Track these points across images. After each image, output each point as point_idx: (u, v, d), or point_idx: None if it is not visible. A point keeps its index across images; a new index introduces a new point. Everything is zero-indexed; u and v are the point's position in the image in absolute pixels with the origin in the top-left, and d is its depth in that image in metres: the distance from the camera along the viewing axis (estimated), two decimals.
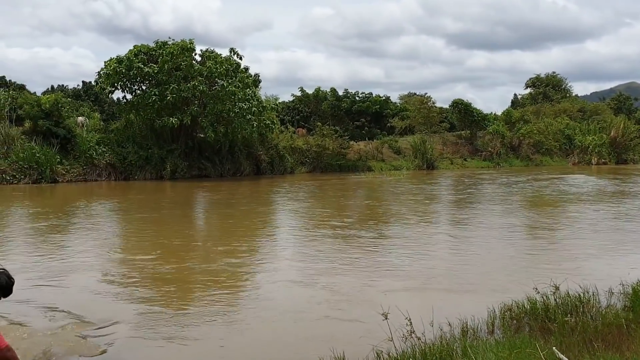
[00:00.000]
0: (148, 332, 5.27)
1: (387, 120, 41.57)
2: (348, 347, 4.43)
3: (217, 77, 26.96)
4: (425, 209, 15.67)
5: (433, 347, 4.16)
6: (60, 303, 6.07)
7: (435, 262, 8.50)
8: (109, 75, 26.63)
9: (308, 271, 7.81)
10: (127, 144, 26.55)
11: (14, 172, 22.92)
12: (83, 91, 44.13)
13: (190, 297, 6.52)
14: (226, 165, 28.73)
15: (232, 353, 4.82)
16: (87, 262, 8.61)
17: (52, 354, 4.63)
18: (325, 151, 33.02)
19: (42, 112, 24.78)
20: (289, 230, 12.12)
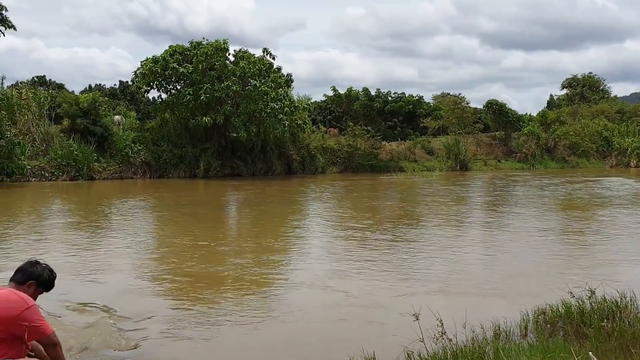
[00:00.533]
0: (179, 328, 5.35)
1: (420, 121, 41.24)
2: (378, 347, 4.42)
3: (250, 77, 27.19)
4: (457, 211, 15.51)
5: (465, 349, 4.11)
6: (96, 298, 6.21)
7: (466, 265, 8.40)
8: (144, 75, 27.13)
9: (337, 272, 7.81)
10: (162, 143, 26.98)
11: (53, 169, 23.50)
12: (120, 90, 45.02)
13: (221, 295, 6.59)
14: (258, 164, 28.95)
15: (261, 352, 4.85)
16: (122, 258, 8.79)
17: (87, 347, 4.74)
18: (357, 151, 32.96)
19: (80, 111, 25.36)
20: (319, 231, 12.14)
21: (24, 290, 3.72)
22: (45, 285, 3.87)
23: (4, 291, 3.62)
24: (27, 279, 3.76)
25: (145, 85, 27.85)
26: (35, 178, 22.89)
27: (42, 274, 3.83)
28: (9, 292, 3.61)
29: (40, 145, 24.14)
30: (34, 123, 24.57)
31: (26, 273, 3.78)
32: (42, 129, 24.68)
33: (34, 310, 3.59)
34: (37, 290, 3.82)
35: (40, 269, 3.85)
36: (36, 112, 25.05)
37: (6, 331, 3.50)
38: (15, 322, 3.49)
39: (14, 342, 3.55)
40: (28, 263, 3.88)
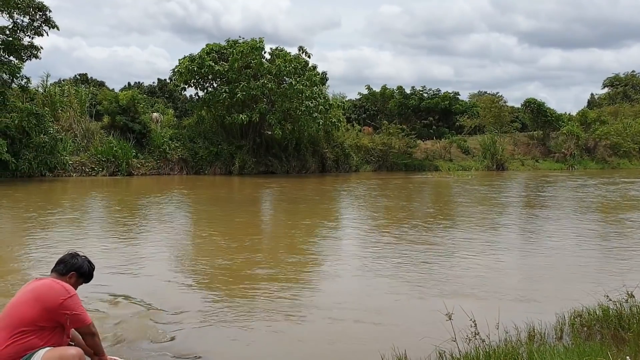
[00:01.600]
0: (213, 322, 5.43)
1: (456, 119, 40.78)
2: (410, 346, 4.41)
3: (285, 75, 27.32)
4: (492, 212, 15.31)
5: (497, 350, 4.07)
6: (133, 290, 6.35)
7: (500, 267, 8.30)
8: (181, 73, 27.54)
9: (369, 271, 7.81)
10: (198, 140, 27.37)
11: (93, 165, 24.10)
12: (158, 88, 45.77)
13: (254, 290, 6.66)
14: (292, 162, 29.11)
15: (291, 348, 4.89)
16: (159, 252, 8.97)
17: (123, 338, 4.85)
18: (391, 150, 32.82)
19: (120, 108, 25.93)
20: (352, 229, 12.14)
21: (65, 281, 3.89)
22: (85, 276, 4.05)
23: (48, 280, 3.80)
24: (68, 270, 3.93)
25: (182, 83, 28.30)
26: (76, 173, 23.51)
27: (83, 266, 4.01)
28: (52, 282, 3.77)
29: (81, 141, 24.77)
30: (75, 120, 25.22)
31: (67, 264, 3.95)
32: (83, 125, 25.32)
33: (75, 300, 3.74)
34: (78, 281, 4.00)
35: (80, 260, 4.02)
36: (78, 109, 25.71)
37: (49, 319, 3.64)
38: (58, 310, 3.64)
39: (55, 330, 3.68)
40: (69, 255, 4.05)
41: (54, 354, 3.57)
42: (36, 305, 3.61)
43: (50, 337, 3.68)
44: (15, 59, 22.19)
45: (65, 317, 3.67)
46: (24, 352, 3.57)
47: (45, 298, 3.64)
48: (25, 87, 22.97)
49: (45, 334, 3.65)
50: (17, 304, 3.67)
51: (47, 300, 3.63)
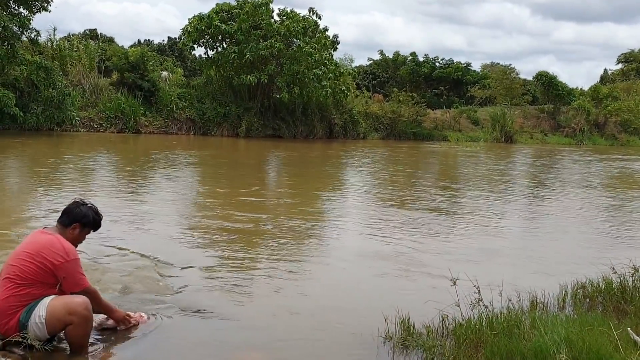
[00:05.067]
0: (218, 277, 5.50)
1: (467, 89, 40.40)
2: (413, 309, 4.45)
3: (294, 36, 26.88)
4: (500, 182, 15.30)
5: (500, 316, 4.12)
6: (140, 245, 6.41)
7: (505, 236, 8.35)
8: (190, 32, 27.24)
9: (374, 235, 7.85)
10: (206, 100, 27.26)
11: (101, 121, 24.12)
12: (168, 46, 45.45)
13: (259, 248, 6.73)
14: (299, 127, 29.00)
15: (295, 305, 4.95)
16: (165, 208, 9.05)
17: (131, 291, 4.92)
18: (401, 118, 32.62)
19: (129, 65, 25.78)
20: (359, 194, 12.17)
21: (69, 232, 3.81)
22: (90, 226, 3.94)
23: (51, 237, 3.72)
24: (71, 222, 3.84)
25: (191, 43, 28.00)
26: (84, 129, 23.54)
27: (87, 215, 3.89)
28: (55, 240, 3.69)
29: (89, 97, 24.74)
30: (84, 75, 25.14)
31: (71, 215, 3.86)
32: (92, 81, 25.24)
33: (72, 264, 3.66)
34: (83, 231, 3.90)
35: (85, 209, 3.91)
36: (87, 64, 25.60)
37: (47, 275, 3.61)
38: (53, 271, 3.60)
39: (57, 284, 3.67)
40: (73, 204, 3.94)
41: (59, 302, 3.59)
42: (34, 261, 3.59)
43: (53, 289, 3.69)
44: (25, 10, 21.95)
45: (58, 280, 3.66)
46: (27, 302, 3.59)
47: (43, 256, 3.60)
48: (35, 40, 22.82)
49: (47, 287, 3.66)
50: (18, 256, 3.67)
51: (44, 259, 3.60)
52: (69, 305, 3.58)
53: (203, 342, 4.07)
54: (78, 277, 3.71)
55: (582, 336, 3.57)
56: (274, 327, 4.42)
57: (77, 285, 3.68)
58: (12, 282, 3.58)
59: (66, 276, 3.64)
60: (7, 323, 3.59)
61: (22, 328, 3.56)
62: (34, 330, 3.56)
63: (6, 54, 20.84)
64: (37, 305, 3.59)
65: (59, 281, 3.66)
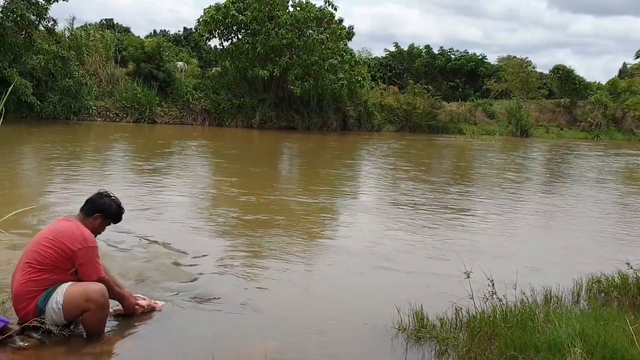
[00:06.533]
0: (233, 266, 5.54)
1: (482, 82, 40.10)
2: (426, 302, 4.45)
3: (307, 26, 26.67)
4: (514, 176, 15.20)
5: (514, 310, 4.11)
6: (155, 233, 6.46)
7: (519, 230, 8.32)
8: (206, 22, 27.23)
9: (388, 227, 7.85)
10: (221, 91, 27.29)
11: (117, 111, 24.28)
12: (183, 37, 45.49)
13: (272, 239, 6.75)
14: (314, 118, 28.94)
15: (308, 295, 4.98)
16: (180, 198, 9.13)
17: (146, 278, 4.97)
18: (416, 110, 32.43)
19: (145, 55, 25.90)
20: (372, 187, 12.17)
21: (90, 222, 3.87)
22: (112, 217, 4.01)
23: (72, 224, 3.77)
24: (94, 212, 3.90)
25: (207, 33, 27.98)
26: (101, 118, 23.72)
27: (110, 207, 3.97)
28: (75, 226, 3.75)
29: (106, 87, 24.89)
30: (100, 65, 25.28)
31: (94, 205, 3.92)
32: (109, 70, 25.40)
33: (90, 252, 3.70)
34: (105, 222, 3.97)
35: (108, 201, 3.98)
36: (103, 54, 25.74)
37: (65, 261, 3.66)
38: (71, 257, 3.66)
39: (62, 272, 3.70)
40: (97, 194, 4.01)
41: (77, 288, 3.64)
42: (53, 246, 3.65)
43: (71, 275, 3.74)
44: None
45: (73, 266, 3.71)
46: (45, 287, 3.64)
47: (62, 242, 3.65)
48: (52, 29, 22.97)
49: (65, 273, 3.71)
50: (38, 241, 3.72)
51: (63, 245, 3.65)
52: (87, 291, 3.62)
53: (216, 330, 4.10)
54: (94, 265, 3.75)
55: (597, 330, 3.56)
56: (287, 317, 4.44)
57: (92, 274, 3.73)
58: (31, 266, 3.63)
59: (82, 263, 3.69)
60: (25, 307, 3.65)
61: (39, 313, 3.62)
62: (51, 315, 3.62)
63: (24, 42, 21.03)
64: (55, 291, 3.64)
65: (68, 268, 3.71)
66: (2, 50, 20.36)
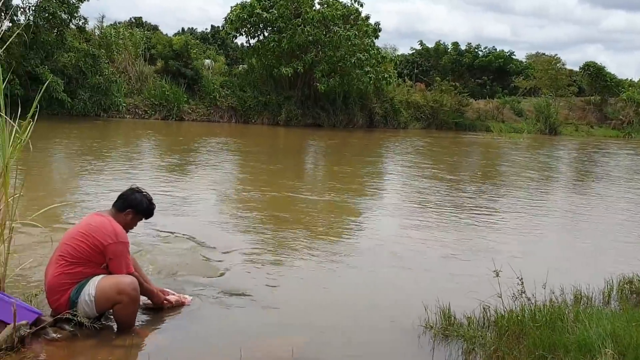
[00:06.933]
0: (261, 263, 5.58)
1: (510, 80, 39.58)
2: (454, 300, 4.43)
3: (333, 22, 26.57)
4: (544, 175, 15.00)
5: (543, 309, 4.06)
6: (183, 228, 6.55)
7: (546, 229, 8.20)
8: (233, 20, 27.35)
9: (416, 225, 7.82)
10: (248, 89, 27.39)
11: (146, 108, 24.59)
12: (210, 35, 45.84)
13: (298, 236, 6.77)
14: (339, 115, 28.87)
15: (334, 293, 4.98)
16: (208, 194, 9.23)
17: (176, 272, 5.04)
18: (443, 108, 32.15)
19: (173, 53, 26.15)
20: (400, 184, 12.12)
21: (122, 217, 3.95)
22: (143, 213, 4.07)
23: (104, 219, 3.84)
24: (125, 207, 3.97)
25: (233, 31, 28.11)
26: (130, 115, 24.04)
27: (141, 203, 4.03)
28: (107, 222, 3.82)
29: (135, 84, 25.20)
30: (130, 62, 25.59)
31: (126, 201, 3.99)
32: (138, 68, 25.69)
33: (120, 247, 3.77)
34: (136, 217, 4.04)
35: (139, 197, 4.04)
36: (132, 51, 26.04)
37: (97, 255, 3.74)
38: (102, 251, 3.73)
39: (94, 266, 3.79)
40: (129, 190, 4.08)
41: (109, 282, 3.71)
42: (86, 241, 3.72)
43: (103, 269, 3.81)
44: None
45: (105, 261, 3.78)
46: (78, 280, 3.72)
47: (94, 236, 3.72)
48: (82, 28, 23.34)
49: (97, 266, 3.78)
50: (72, 235, 3.80)
51: (95, 239, 3.72)
52: (118, 285, 3.69)
53: (244, 325, 4.14)
54: (124, 261, 3.81)
55: (630, 331, 3.50)
56: (314, 313, 4.47)
57: (122, 268, 3.79)
58: (64, 260, 3.72)
59: (113, 258, 3.76)
60: (58, 300, 3.73)
61: (72, 305, 3.70)
62: (83, 307, 3.69)
63: (55, 41, 21.42)
64: (87, 284, 3.71)
65: (100, 262, 3.78)
66: (35, 48, 20.77)
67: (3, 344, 3.33)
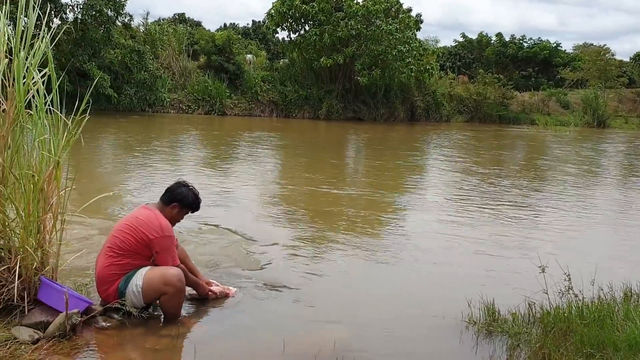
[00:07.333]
0: (302, 256, 5.62)
1: (557, 71, 38.56)
2: (498, 296, 4.36)
3: (375, 16, 26.41)
4: (591, 169, 14.59)
5: (591, 306, 3.96)
6: (226, 221, 6.64)
7: (597, 225, 7.98)
8: (273, 15, 27.45)
9: (460, 221, 7.72)
10: (289, 83, 27.50)
11: (189, 103, 25.00)
12: (252, 30, 46.21)
13: (340, 230, 6.78)
14: (380, 109, 28.71)
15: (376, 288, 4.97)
16: (250, 188, 9.34)
17: (220, 264, 5.13)
18: (486, 100, 31.58)
19: (215, 48, 26.47)
20: (444, 178, 11.98)
21: (168, 211, 4.02)
22: (189, 207, 4.13)
23: (151, 213, 3.92)
24: (171, 201, 4.04)
25: (274, 26, 28.20)
26: (174, 110, 24.48)
27: (187, 197, 4.09)
28: (154, 215, 3.89)
29: (178, 79, 25.64)
30: (173, 58, 26.04)
31: (172, 195, 4.06)
32: (181, 64, 26.13)
33: (165, 241, 3.84)
34: (182, 211, 4.10)
35: (185, 191, 4.10)
36: (176, 47, 26.49)
37: (143, 249, 3.83)
38: (148, 244, 3.81)
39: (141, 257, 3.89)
40: (176, 184, 4.14)
41: (156, 273, 3.80)
42: (133, 233, 3.81)
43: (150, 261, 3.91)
44: None
45: (151, 254, 3.87)
46: (126, 271, 3.82)
47: (140, 230, 3.81)
48: (128, 24, 23.83)
49: (144, 258, 3.88)
50: (120, 228, 3.90)
51: (141, 233, 3.80)
52: (165, 276, 3.78)
53: (286, 317, 4.18)
54: (170, 254, 3.89)
55: None
56: (355, 308, 4.47)
57: (168, 261, 3.87)
58: (113, 251, 3.83)
59: (159, 251, 3.84)
60: (107, 290, 3.85)
61: (120, 295, 3.81)
62: (131, 297, 3.80)
63: (102, 37, 21.94)
64: (135, 275, 3.82)
65: (147, 255, 3.88)
66: (83, 45, 21.33)
67: (56, 331, 3.45)
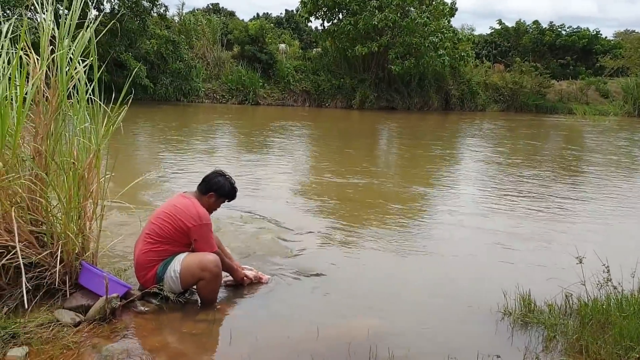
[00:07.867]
0: (335, 244, 5.65)
1: (596, 59, 37.53)
2: (534, 286, 4.32)
3: (409, 4, 26.13)
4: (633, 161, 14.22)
5: (631, 298, 3.88)
6: (260, 210, 6.71)
7: (630, 218, 7.78)
8: (306, 4, 27.37)
9: (496, 212, 7.64)
10: (321, 72, 27.43)
11: (223, 93, 25.19)
12: (285, 19, 46.21)
13: (375, 217, 6.78)
14: (414, 98, 28.41)
15: (410, 277, 4.96)
16: (284, 176, 9.39)
17: (252, 251, 5.20)
18: (522, 89, 30.94)
19: (249, 38, 26.57)
20: (478, 168, 11.84)
21: (205, 200, 4.09)
22: (226, 196, 4.20)
23: (189, 201, 3.99)
24: (208, 190, 4.11)
25: (307, 14, 28.11)
26: (208, 100, 24.72)
27: (224, 186, 4.15)
28: (191, 204, 3.96)
29: (213, 69, 25.84)
30: (208, 48, 26.23)
31: (209, 184, 4.13)
32: (215, 54, 26.31)
33: (203, 229, 3.91)
34: (219, 200, 4.17)
35: (222, 180, 4.16)
36: (210, 37, 26.66)
37: (181, 236, 3.90)
38: (186, 233, 3.88)
39: (179, 244, 3.96)
40: (213, 173, 4.21)
41: (193, 259, 3.88)
42: (171, 221, 3.89)
43: (187, 248, 3.99)
44: None
45: (190, 242, 3.95)
46: (164, 257, 3.91)
47: (178, 218, 3.88)
48: (163, 15, 24.09)
49: (181, 245, 3.96)
50: (158, 215, 3.98)
51: (179, 221, 3.88)
52: (202, 262, 3.86)
53: (320, 305, 4.22)
54: (208, 241, 3.97)
55: None
56: (388, 296, 4.47)
57: (206, 249, 3.96)
58: (151, 238, 3.91)
59: (197, 239, 3.92)
60: (145, 275, 3.94)
61: (158, 280, 3.90)
62: (169, 283, 3.88)
63: (138, 28, 22.23)
64: (173, 261, 3.90)
65: (186, 242, 3.95)
66: (120, 36, 21.65)
67: (96, 315, 3.56)
